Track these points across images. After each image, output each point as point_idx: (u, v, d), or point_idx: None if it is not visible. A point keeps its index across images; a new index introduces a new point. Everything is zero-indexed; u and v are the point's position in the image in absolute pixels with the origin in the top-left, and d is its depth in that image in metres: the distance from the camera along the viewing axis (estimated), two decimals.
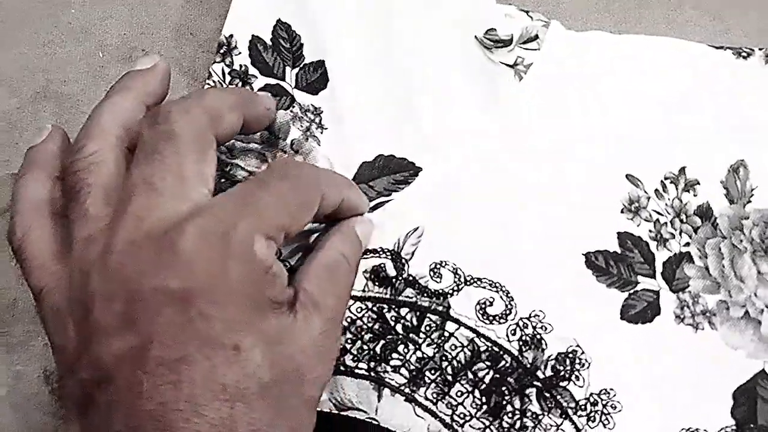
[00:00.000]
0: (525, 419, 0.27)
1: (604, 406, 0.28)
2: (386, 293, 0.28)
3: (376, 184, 0.30)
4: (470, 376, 0.28)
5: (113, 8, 0.33)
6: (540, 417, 0.27)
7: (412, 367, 0.28)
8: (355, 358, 0.27)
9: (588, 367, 0.28)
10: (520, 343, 0.28)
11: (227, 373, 0.19)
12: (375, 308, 0.28)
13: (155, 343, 0.19)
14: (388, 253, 0.29)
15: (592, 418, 0.28)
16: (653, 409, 0.28)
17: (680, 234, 0.31)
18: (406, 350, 0.28)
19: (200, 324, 0.19)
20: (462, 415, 0.27)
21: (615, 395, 0.28)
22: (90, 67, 0.32)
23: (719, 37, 0.36)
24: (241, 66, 0.32)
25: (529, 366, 0.28)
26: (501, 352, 0.28)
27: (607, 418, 0.28)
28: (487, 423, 0.27)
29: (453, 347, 0.28)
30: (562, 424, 0.27)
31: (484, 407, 0.27)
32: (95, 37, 0.32)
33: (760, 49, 0.35)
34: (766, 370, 0.29)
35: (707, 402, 0.28)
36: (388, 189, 0.30)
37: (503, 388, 0.27)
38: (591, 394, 0.28)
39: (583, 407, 0.28)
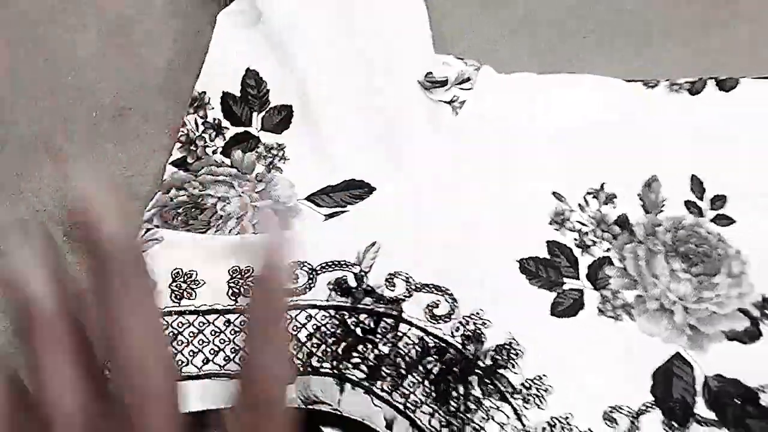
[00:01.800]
0: (469, 403, 0.31)
1: (538, 389, 0.32)
2: (347, 302, 0.33)
3: (335, 196, 0.35)
4: (421, 368, 0.32)
5: (106, 71, 0.38)
6: (482, 400, 0.31)
7: (370, 364, 0.32)
8: (320, 360, 0.32)
9: (523, 357, 0.33)
10: (463, 338, 0.33)
11: None
12: (337, 315, 0.33)
13: None
14: (349, 267, 0.34)
15: (527, 400, 0.32)
16: (582, 391, 0.32)
17: (601, 241, 0.36)
18: (364, 349, 0.32)
19: None
20: (414, 403, 0.31)
21: (548, 379, 0.32)
22: (87, 124, 0.37)
23: (641, 69, 0.41)
24: (214, 119, 0.37)
25: (471, 357, 0.32)
26: (447, 347, 0.32)
27: (540, 400, 0.32)
28: (436, 407, 0.31)
29: (405, 345, 0.32)
30: (501, 406, 0.31)
31: (434, 394, 0.31)
32: (91, 97, 0.38)
33: (666, 80, 0.40)
34: (680, 353, 0.33)
35: (629, 383, 0.33)
36: (344, 201, 0.35)
37: (449, 377, 0.32)
38: (526, 380, 0.32)
39: (519, 391, 0.32)
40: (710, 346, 0.34)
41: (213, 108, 0.37)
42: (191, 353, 0.31)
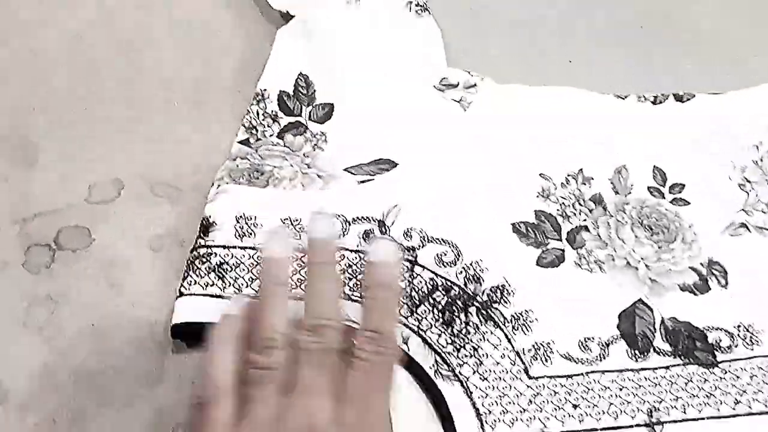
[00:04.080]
0: (468, 327, 0.39)
1: (525, 320, 0.40)
2: None
3: (364, 167, 0.44)
4: (431, 300, 0.40)
5: (183, 72, 0.48)
6: (479, 326, 0.39)
7: None
8: (351, 289, 0.40)
9: (513, 295, 0.41)
10: (465, 279, 0.41)
11: None
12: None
13: None
14: (375, 222, 0.42)
15: (516, 328, 0.39)
16: (561, 324, 0.40)
17: (579, 213, 0.45)
18: None
19: None
20: (426, 325, 0.39)
21: (533, 314, 0.40)
22: (167, 112, 0.47)
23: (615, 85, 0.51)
24: (272, 111, 0.47)
25: (471, 293, 0.40)
26: (452, 285, 0.40)
27: (527, 329, 0.40)
28: (443, 330, 0.39)
29: (419, 283, 0.40)
30: (494, 331, 0.39)
31: (440, 320, 0.39)
32: (170, 91, 0.48)
33: (634, 95, 0.50)
34: (642, 299, 0.41)
35: (599, 321, 0.40)
36: (373, 171, 0.44)
37: (453, 308, 0.40)
38: (515, 312, 0.40)
39: (509, 321, 0.40)
40: (667, 294, 0.42)
41: (271, 102, 0.47)
42: (251, 279, 0.39)
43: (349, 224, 0.42)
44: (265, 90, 0.47)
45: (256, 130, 0.46)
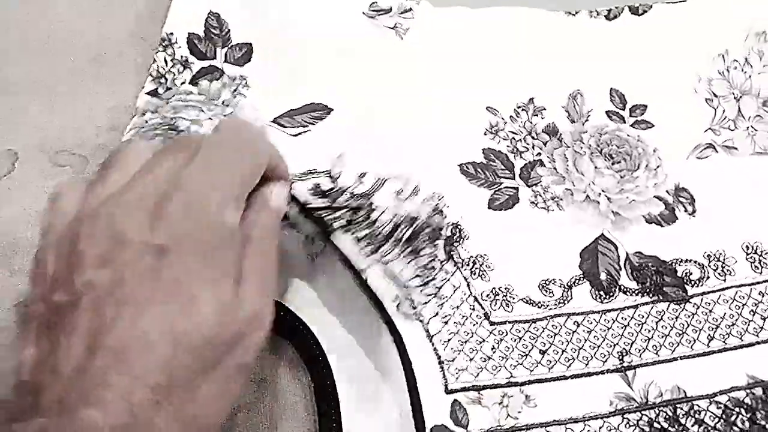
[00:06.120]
0: (434, 262, 0.35)
1: (481, 265, 0.36)
2: (325, 202, 0.36)
3: (297, 118, 0.39)
4: (395, 235, 0.35)
5: (80, 26, 0.42)
6: (443, 263, 0.35)
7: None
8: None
9: (468, 239, 0.37)
10: (428, 212, 0.36)
11: (178, 320, 0.23)
12: (316, 214, 0.36)
13: (126, 282, 0.23)
14: (322, 173, 0.37)
15: (473, 272, 0.36)
16: (518, 267, 0.36)
17: (532, 147, 0.41)
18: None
19: (167, 274, 0.23)
20: (390, 257, 0.34)
21: (488, 258, 0.36)
22: (67, 68, 0.41)
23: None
24: (182, 56, 0.42)
25: (436, 226, 0.36)
26: (415, 217, 0.36)
27: (483, 274, 0.36)
28: (410, 258, 0.34)
29: (381, 224, 0.35)
30: (455, 272, 0.35)
31: (407, 249, 0.34)
32: (69, 48, 0.42)
33: (586, 11, 0.45)
34: (604, 234, 0.38)
35: (560, 260, 0.37)
36: (306, 121, 0.39)
37: (420, 236, 0.35)
38: (470, 257, 0.36)
39: (467, 263, 0.36)
40: (631, 228, 0.38)
41: (180, 47, 0.41)
42: None
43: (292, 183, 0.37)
44: (171, 34, 0.41)
45: (165, 79, 0.40)
